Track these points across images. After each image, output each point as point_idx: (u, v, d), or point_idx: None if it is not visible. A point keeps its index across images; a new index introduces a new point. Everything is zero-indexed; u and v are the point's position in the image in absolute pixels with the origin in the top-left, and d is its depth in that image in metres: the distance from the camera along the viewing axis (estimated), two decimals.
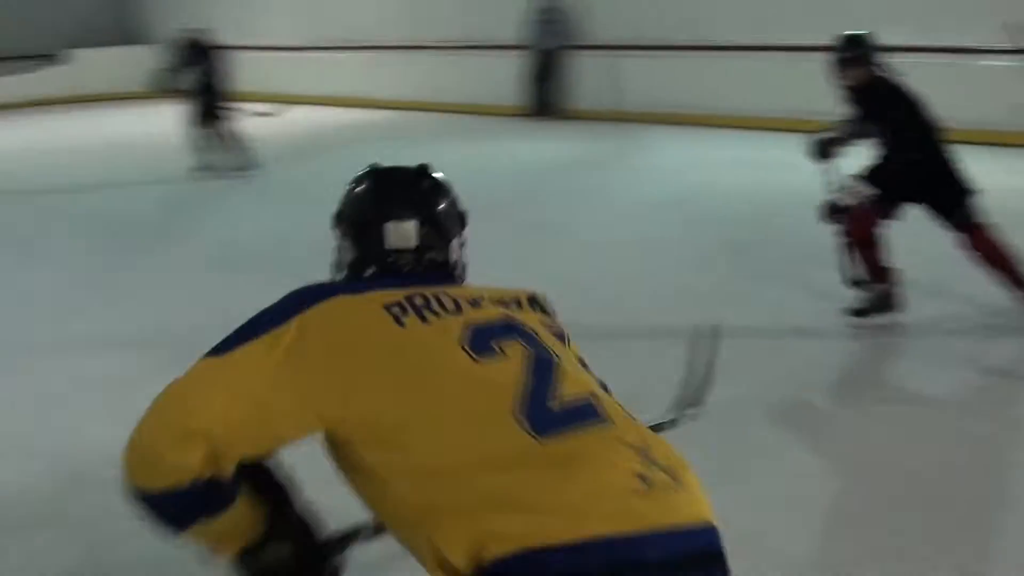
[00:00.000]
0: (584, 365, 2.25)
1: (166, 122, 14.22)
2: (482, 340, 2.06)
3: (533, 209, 10.05)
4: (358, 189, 2.42)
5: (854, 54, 6.24)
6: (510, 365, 2.02)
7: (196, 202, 11.40)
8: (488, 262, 7.98)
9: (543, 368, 2.03)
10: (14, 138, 17.21)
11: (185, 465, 1.91)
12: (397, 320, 2.06)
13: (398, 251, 2.32)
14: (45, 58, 22.62)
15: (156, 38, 23.11)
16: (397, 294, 2.12)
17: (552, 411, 1.94)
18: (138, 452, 1.94)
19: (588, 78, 16.39)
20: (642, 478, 1.85)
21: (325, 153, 14.37)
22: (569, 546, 1.73)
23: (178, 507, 1.99)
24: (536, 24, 16.53)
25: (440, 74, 18.47)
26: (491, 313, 2.16)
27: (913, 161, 6.07)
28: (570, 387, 2.02)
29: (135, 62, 21.76)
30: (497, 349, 2.05)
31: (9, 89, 21.63)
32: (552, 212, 9.90)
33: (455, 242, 2.45)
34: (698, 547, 1.84)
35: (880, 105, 6.12)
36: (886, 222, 6.17)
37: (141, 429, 1.94)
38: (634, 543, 1.76)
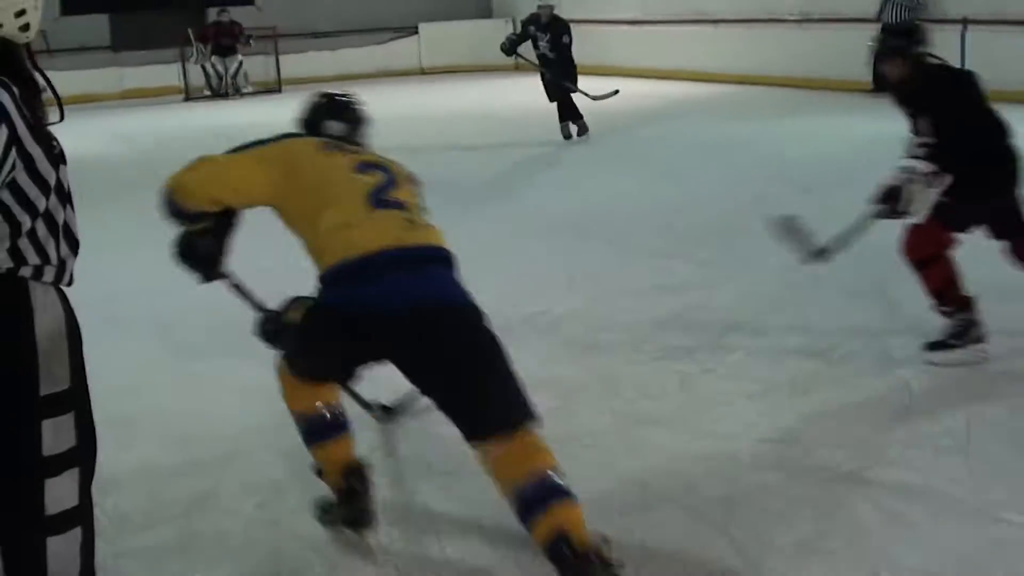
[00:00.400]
0: (421, 198, 3.86)
1: (518, 93, 14.52)
2: (363, 167, 3.73)
3: (869, 187, 9.67)
4: (323, 104, 4.15)
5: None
6: (373, 178, 3.68)
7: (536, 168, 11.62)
8: (815, 235, 7.83)
9: (389, 184, 3.69)
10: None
11: (200, 207, 3.77)
12: (326, 149, 3.80)
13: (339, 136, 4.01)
14: (399, 31, 23.60)
15: (512, 12, 23.85)
16: (331, 143, 3.89)
17: (383, 200, 3.61)
18: (181, 190, 3.75)
19: (937, 53, 15.66)
20: (410, 227, 3.60)
21: (661, 127, 14.35)
22: (365, 254, 3.47)
23: (184, 216, 3.82)
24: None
25: (782, 48, 18.10)
26: (372, 158, 3.85)
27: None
28: (397, 194, 3.68)
29: (484, 36, 22.46)
30: (368, 171, 3.71)
31: (363, 60, 22.73)
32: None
33: (364, 132, 4.15)
34: (435, 253, 3.60)
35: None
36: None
37: (192, 178, 3.77)
38: (399, 249, 3.50)
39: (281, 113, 17.91)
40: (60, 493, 2.89)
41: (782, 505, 3.95)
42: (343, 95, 4.22)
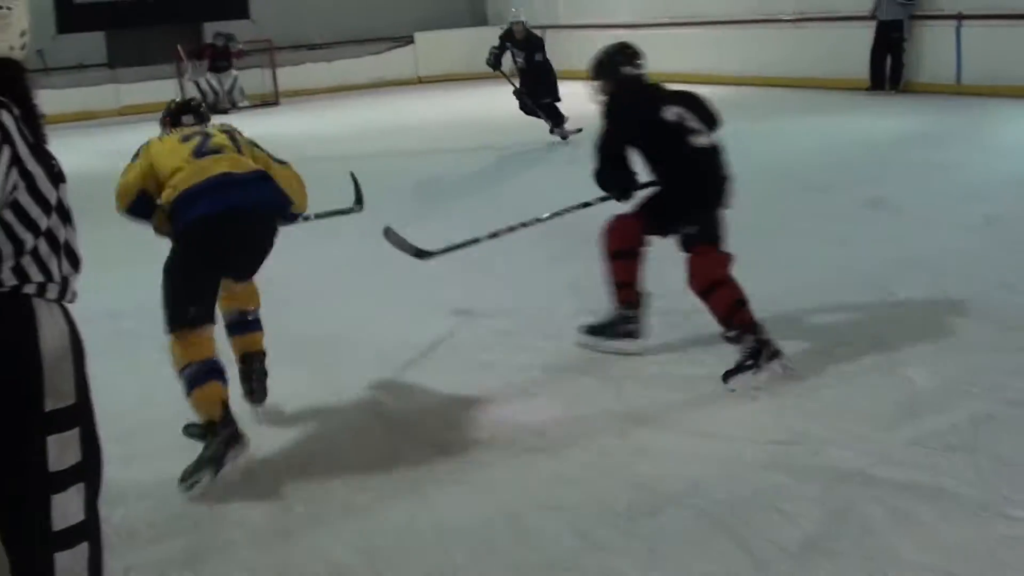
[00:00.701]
0: (254, 145, 5.21)
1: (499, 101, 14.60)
2: (199, 145, 4.95)
3: (871, 185, 9.70)
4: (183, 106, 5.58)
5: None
6: (199, 142, 4.95)
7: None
8: (815, 236, 7.81)
9: (207, 140, 4.96)
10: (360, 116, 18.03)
11: (130, 197, 4.95)
12: (186, 139, 5.00)
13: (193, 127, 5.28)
14: (395, 40, 23.64)
15: (505, 19, 23.88)
16: (189, 131, 5.14)
17: (203, 151, 4.88)
18: (119, 196, 4.97)
19: (931, 49, 15.70)
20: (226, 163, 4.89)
21: None
22: (192, 187, 4.73)
23: (138, 212, 5.01)
24: None
25: (779, 48, 18.12)
26: (204, 131, 5.11)
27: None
28: (215, 143, 4.95)
29: (479, 43, 22.45)
30: (198, 142, 4.96)
31: (359, 70, 22.79)
32: (891, 188, 9.50)
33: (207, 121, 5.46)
34: (248, 176, 4.87)
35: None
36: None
37: (119, 191, 4.97)
38: (220, 177, 4.78)
39: (278, 125, 18.04)
40: (67, 508, 2.90)
41: (789, 505, 3.95)
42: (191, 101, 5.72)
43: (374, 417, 5.13)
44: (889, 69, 16.08)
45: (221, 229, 4.73)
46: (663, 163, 5.58)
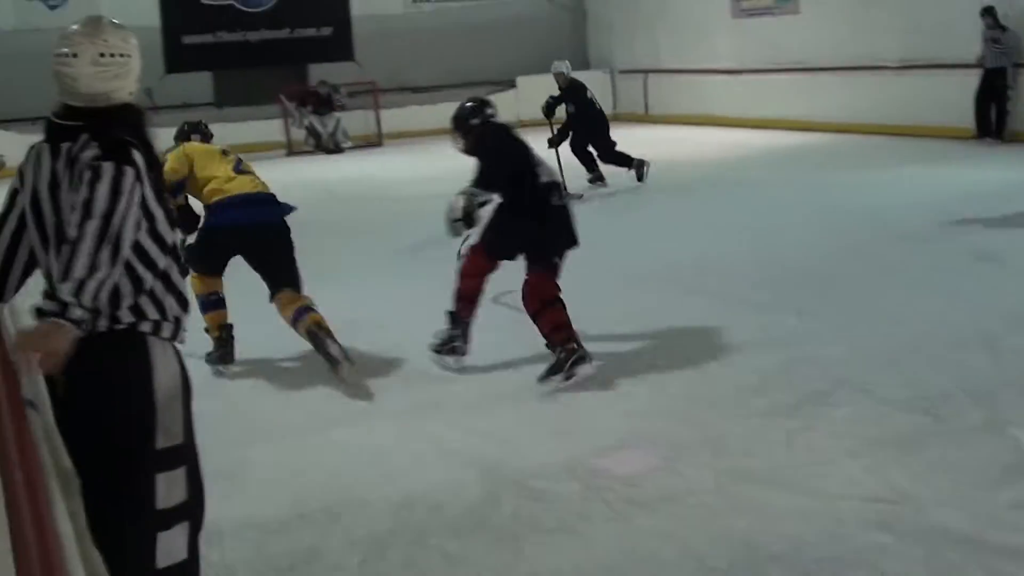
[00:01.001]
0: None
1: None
2: (236, 164, 7.05)
3: (975, 236, 9.54)
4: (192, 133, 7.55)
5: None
6: (236, 161, 7.08)
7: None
8: (919, 288, 7.69)
9: (240, 161, 7.08)
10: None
11: (176, 177, 6.79)
12: (225, 153, 7.14)
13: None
14: (497, 84, 23.80)
15: (609, 63, 24.00)
16: (220, 147, 7.33)
17: (239, 169, 6.95)
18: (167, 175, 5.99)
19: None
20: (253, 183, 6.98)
21: (758, 176, 14.27)
22: (234, 195, 6.80)
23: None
24: (984, 42, 15.69)
25: (882, 95, 17.89)
26: (229, 150, 7.27)
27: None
28: (245, 166, 7.06)
29: None
30: (235, 161, 7.06)
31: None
32: (996, 240, 9.34)
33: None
34: (269, 196, 6.97)
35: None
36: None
37: (166, 173, 6.14)
38: (254, 195, 6.89)
39: (381, 165, 18.21)
40: (171, 546, 2.95)
41: (892, 567, 3.87)
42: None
43: (471, 463, 5.12)
44: (994, 118, 15.83)
45: (246, 236, 6.72)
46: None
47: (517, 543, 4.27)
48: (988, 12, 15.52)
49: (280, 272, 6.75)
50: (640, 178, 13.84)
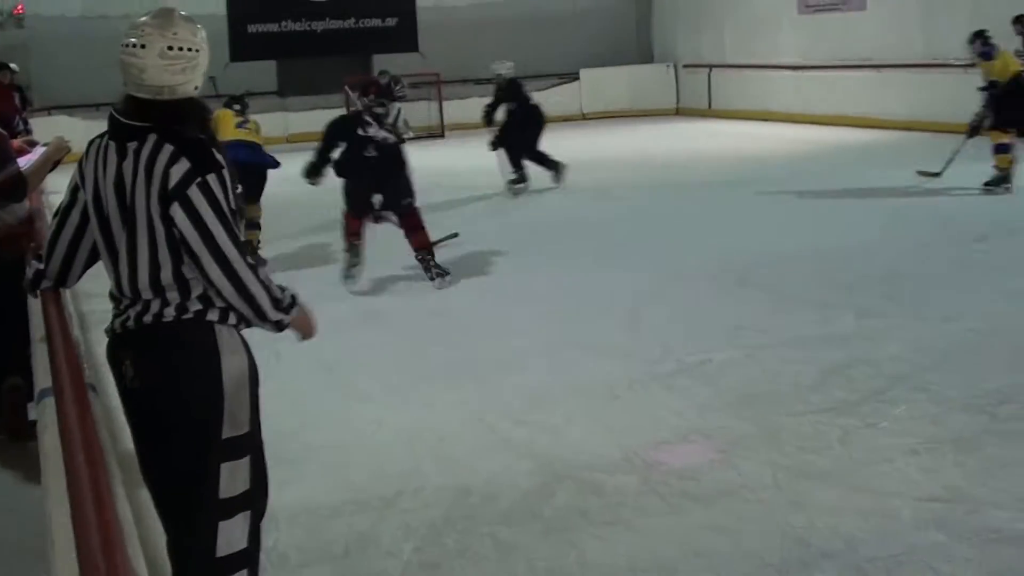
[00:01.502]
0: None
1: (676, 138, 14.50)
2: (240, 123, 10.34)
3: None
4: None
5: None
6: (240, 121, 10.25)
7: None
8: (982, 288, 7.61)
9: (245, 122, 10.24)
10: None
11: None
12: (237, 115, 10.61)
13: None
14: (561, 77, 23.81)
15: (673, 57, 23.93)
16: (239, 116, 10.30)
17: (238, 126, 10.13)
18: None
19: None
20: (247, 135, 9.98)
21: (823, 173, 14.16)
22: (229, 141, 9.34)
23: None
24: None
25: (950, 92, 17.62)
26: (246, 117, 10.41)
27: None
28: (249, 126, 10.23)
29: (642, 81, 22.57)
30: (239, 118, 10.32)
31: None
32: None
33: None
34: (253, 144, 10.03)
35: None
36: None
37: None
38: (242, 142, 9.78)
39: (443, 156, 18.29)
40: (232, 536, 2.98)
41: (946, 566, 3.85)
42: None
43: (527, 454, 5.14)
44: None
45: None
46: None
47: (570, 534, 4.29)
48: (1019, 20, 15.26)
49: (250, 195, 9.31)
50: (557, 180, 13.80)
